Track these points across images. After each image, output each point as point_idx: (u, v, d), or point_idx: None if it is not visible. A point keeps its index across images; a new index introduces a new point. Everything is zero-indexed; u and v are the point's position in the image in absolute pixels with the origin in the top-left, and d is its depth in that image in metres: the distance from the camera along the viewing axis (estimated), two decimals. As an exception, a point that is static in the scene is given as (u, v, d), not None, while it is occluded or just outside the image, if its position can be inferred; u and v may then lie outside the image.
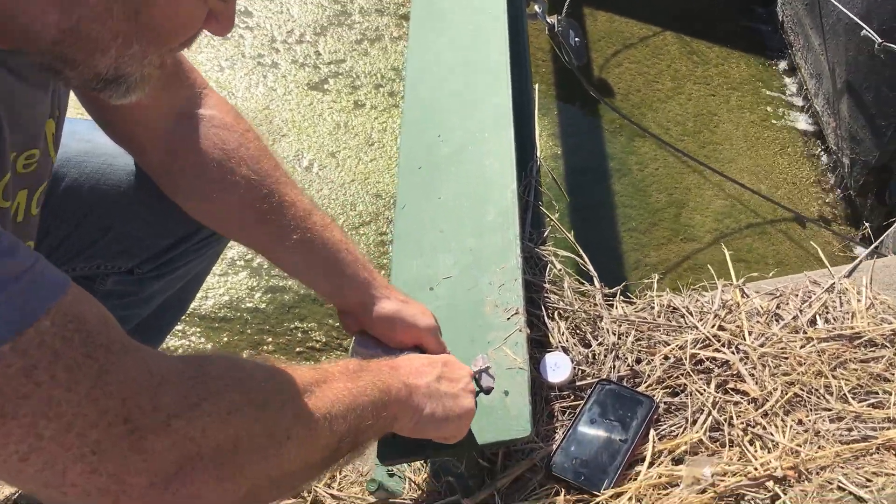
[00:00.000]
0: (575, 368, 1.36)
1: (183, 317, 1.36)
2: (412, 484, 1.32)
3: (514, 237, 1.38)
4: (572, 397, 1.33)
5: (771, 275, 1.67)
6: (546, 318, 1.44)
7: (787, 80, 3.42)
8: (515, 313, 1.28)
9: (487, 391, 1.19)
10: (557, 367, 1.35)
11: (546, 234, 1.64)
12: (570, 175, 3.03)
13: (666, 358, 1.37)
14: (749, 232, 3.01)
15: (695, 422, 1.26)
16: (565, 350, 1.39)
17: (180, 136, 1.04)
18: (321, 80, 3.04)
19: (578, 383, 1.34)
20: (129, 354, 0.61)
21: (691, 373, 1.32)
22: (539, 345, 1.42)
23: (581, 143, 3.08)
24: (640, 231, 2.96)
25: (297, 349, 2.27)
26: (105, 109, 1.01)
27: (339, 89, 3.00)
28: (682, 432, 1.26)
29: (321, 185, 2.68)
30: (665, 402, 1.31)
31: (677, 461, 1.23)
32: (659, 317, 1.45)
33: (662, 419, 1.30)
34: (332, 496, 1.37)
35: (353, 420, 0.82)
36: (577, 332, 1.44)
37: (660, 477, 1.20)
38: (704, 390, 1.30)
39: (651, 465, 1.22)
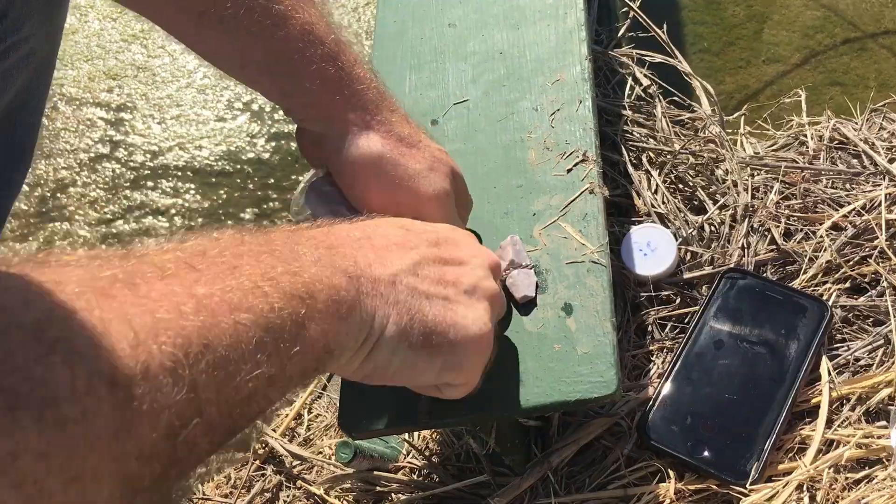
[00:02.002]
0: (681, 251, 0.81)
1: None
2: (411, 447, 0.81)
3: (578, 26, 0.80)
4: (678, 300, 0.79)
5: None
6: (629, 164, 0.87)
7: None
8: (582, 160, 0.71)
9: (523, 303, 0.65)
10: (652, 250, 0.79)
11: (622, 32, 1.04)
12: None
13: (838, 228, 0.80)
14: (845, 49, 2.50)
15: (902, 343, 0.71)
16: (663, 220, 0.83)
17: None
18: None
19: (688, 276, 0.79)
20: None
21: (888, 253, 0.76)
22: (618, 211, 0.87)
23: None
24: (713, 53, 2.47)
25: (307, 205, 1.91)
26: None
27: None
28: (880, 362, 0.72)
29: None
30: (843, 308, 0.75)
31: (875, 415, 0.69)
32: (817, 158, 0.87)
33: (840, 337, 0.75)
34: (294, 455, 0.88)
35: (206, 370, 0.33)
36: (682, 187, 0.87)
37: (847, 445, 0.66)
38: (915, 285, 0.74)
39: (829, 423, 0.69)
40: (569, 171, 0.71)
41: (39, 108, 0.80)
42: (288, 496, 0.86)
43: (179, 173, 2.33)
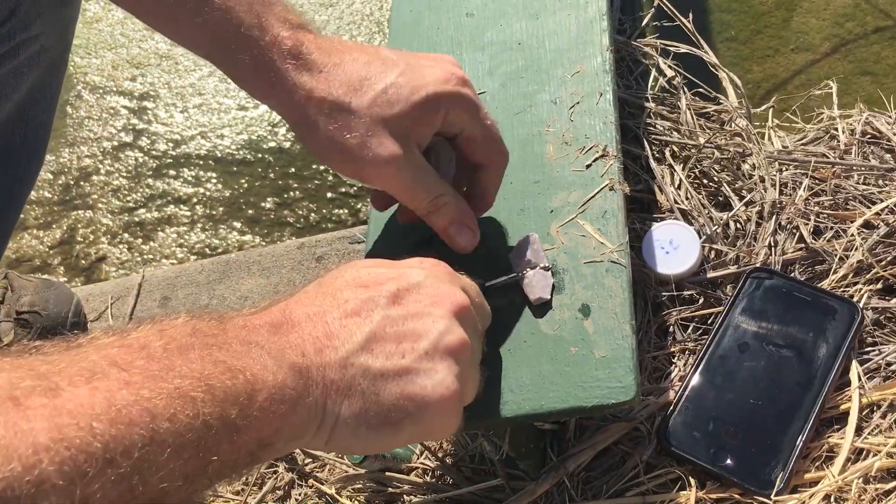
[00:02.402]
0: (705, 248, 0.78)
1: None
2: (424, 448, 0.79)
3: (600, 15, 0.77)
4: (701, 300, 0.76)
5: None
6: (651, 158, 0.85)
7: None
8: (602, 156, 0.69)
9: (537, 305, 0.63)
10: (674, 248, 0.77)
11: (646, 21, 1.01)
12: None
13: (870, 227, 0.77)
14: (877, 38, 2.45)
15: (937, 348, 0.68)
16: (686, 216, 0.81)
17: None
18: None
19: (711, 275, 0.77)
20: None
21: (923, 254, 0.73)
22: (639, 207, 0.84)
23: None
24: (741, 41, 2.44)
25: (328, 195, 1.91)
26: None
27: None
28: (914, 368, 0.69)
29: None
30: (874, 310, 0.72)
31: (907, 424, 0.67)
32: (849, 153, 0.84)
33: (871, 340, 0.72)
34: (307, 452, 0.86)
35: (105, 485, 0.33)
36: (707, 182, 0.84)
37: (878, 455, 0.63)
38: (951, 287, 0.71)
39: (858, 431, 0.66)
40: (588, 166, 0.68)
41: (52, 106, 0.79)
42: (300, 494, 0.85)
43: (201, 162, 2.34)
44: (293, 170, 1.96)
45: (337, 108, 0.56)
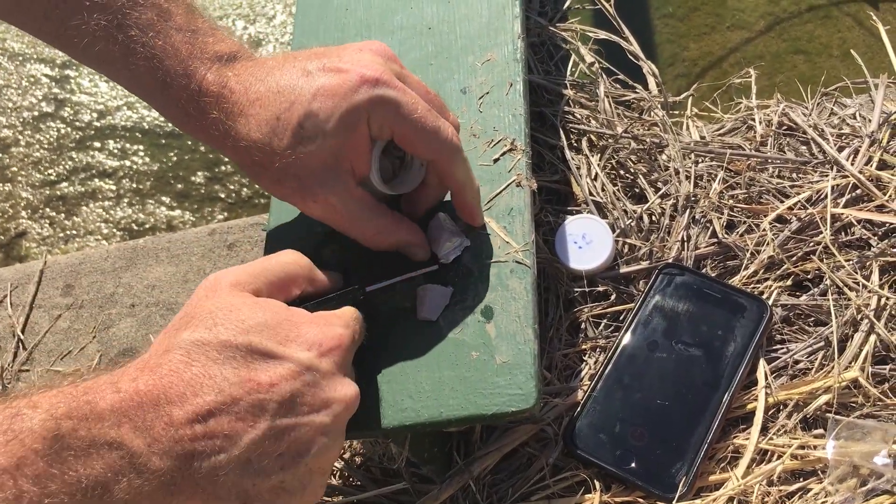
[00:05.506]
0: (618, 243, 0.76)
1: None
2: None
3: (512, 1, 0.74)
4: (613, 297, 0.74)
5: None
6: (567, 148, 0.82)
7: None
8: (510, 150, 0.66)
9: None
10: (587, 243, 0.75)
11: (567, 3, 0.98)
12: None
13: (782, 221, 0.76)
14: (810, 17, 2.49)
15: (843, 345, 0.68)
16: (601, 209, 0.79)
17: None
18: None
19: (624, 270, 0.75)
20: None
21: (832, 249, 0.72)
22: (554, 199, 0.82)
23: None
24: (678, 18, 2.46)
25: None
26: None
27: None
28: (820, 366, 0.68)
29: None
30: (783, 307, 0.72)
31: (812, 423, 0.66)
32: (765, 145, 0.83)
33: (780, 338, 0.71)
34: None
35: None
36: (623, 173, 0.82)
37: (781, 458, 0.63)
38: (858, 283, 0.70)
39: (764, 431, 0.65)
40: (496, 160, 0.66)
41: None
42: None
43: (127, 134, 2.24)
44: (223, 142, 1.94)
45: (263, 155, 0.54)
